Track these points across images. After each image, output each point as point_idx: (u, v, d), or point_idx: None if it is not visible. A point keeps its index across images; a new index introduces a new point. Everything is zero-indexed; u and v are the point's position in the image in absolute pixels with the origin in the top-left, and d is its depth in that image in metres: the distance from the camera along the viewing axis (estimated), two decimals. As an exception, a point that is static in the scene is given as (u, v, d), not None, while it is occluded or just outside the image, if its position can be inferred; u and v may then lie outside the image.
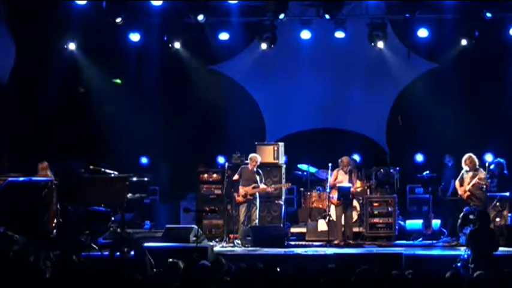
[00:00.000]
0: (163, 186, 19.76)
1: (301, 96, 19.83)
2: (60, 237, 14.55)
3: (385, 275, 8.91)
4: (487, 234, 12.42)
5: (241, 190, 16.13)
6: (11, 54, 16.17)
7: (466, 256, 12.31)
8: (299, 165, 17.87)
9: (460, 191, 15.97)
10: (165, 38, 18.35)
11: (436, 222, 16.75)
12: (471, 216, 14.83)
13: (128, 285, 8.68)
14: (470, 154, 16.02)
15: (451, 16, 17.80)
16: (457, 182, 16.12)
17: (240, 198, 16.15)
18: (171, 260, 10.00)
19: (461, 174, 16.10)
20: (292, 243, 16.25)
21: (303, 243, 16.27)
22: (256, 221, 16.18)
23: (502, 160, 16.50)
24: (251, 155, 16.37)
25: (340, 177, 16.26)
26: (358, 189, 16.58)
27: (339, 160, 16.31)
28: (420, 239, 16.40)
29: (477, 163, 15.98)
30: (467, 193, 15.77)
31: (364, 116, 19.72)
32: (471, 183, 15.74)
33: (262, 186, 16.23)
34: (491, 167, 16.38)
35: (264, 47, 18.33)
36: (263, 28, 18.15)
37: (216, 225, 17.21)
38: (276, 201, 16.92)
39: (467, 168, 15.91)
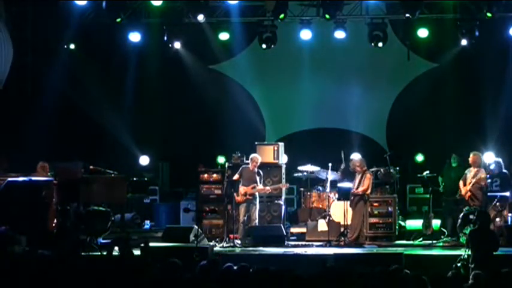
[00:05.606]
0: (163, 186, 19.78)
1: (301, 96, 19.84)
2: (60, 237, 14.54)
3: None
4: (487, 234, 12.41)
5: (241, 190, 16.14)
6: (9, 54, 16.13)
7: (466, 256, 12.30)
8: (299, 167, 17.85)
9: (462, 191, 15.96)
10: (165, 38, 18.34)
11: (436, 222, 16.75)
12: (471, 216, 14.82)
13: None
14: (476, 152, 15.98)
15: (451, 16, 17.80)
16: (461, 182, 16.09)
17: (239, 198, 16.14)
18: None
19: (465, 173, 16.06)
20: (292, 243, 16.25)
21: (303, 243, 16.26)
22: (256, 221, 16.18)
23: (500, 159, 16.45)
24: (252, 155, 16.37)
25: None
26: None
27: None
28: (420, 239, 16.40)
29: (480, 162, 15.96)
30: (469, 193, 15.77)
31: (364, 116, 19.70)
32: (471, 183, 15.74)
33: (261, 186, 16.24)
34: (492, 167, 16.35)
35: (264, 47, 18.30)
36: (263, 28, 18.13)
37: (216, 225, 17.19)
38: (276, 201, 16.93)
39: (471, 167, 15.88)
